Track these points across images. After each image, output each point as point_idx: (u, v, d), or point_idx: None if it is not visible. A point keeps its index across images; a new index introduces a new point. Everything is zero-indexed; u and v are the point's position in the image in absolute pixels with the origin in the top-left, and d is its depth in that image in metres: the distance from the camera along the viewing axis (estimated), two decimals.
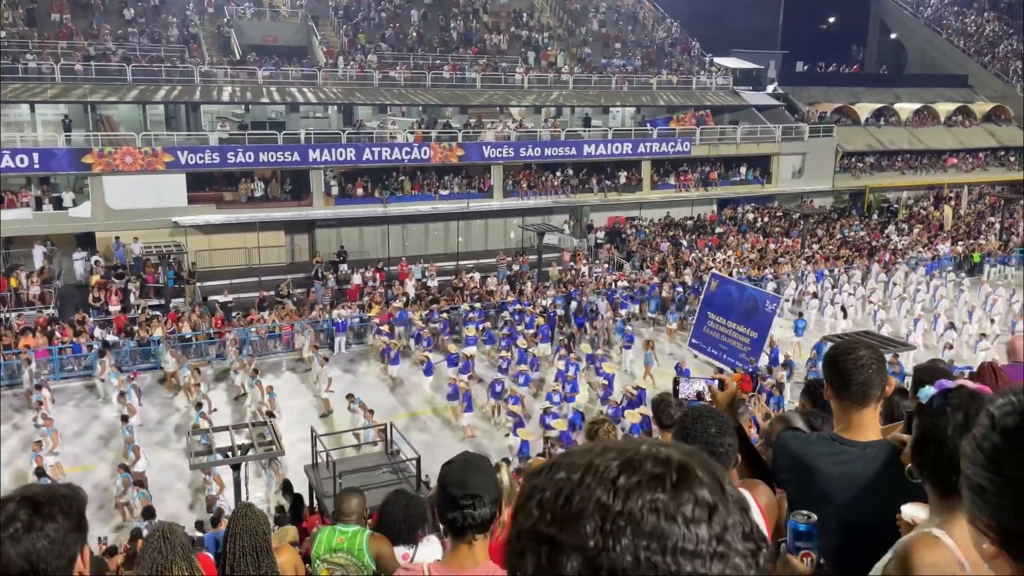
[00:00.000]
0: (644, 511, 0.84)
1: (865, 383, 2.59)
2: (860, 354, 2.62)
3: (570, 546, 0.84)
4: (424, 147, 31.85)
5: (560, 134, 35.26)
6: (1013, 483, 0.93)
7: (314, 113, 35.58)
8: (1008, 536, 0.94)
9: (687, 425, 2.73)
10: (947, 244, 34.92)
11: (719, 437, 2.71)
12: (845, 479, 2.49)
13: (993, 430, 0.98)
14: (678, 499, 0.85)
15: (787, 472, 2.70)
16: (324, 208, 30.60)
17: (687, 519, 0.84)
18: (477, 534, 2.48)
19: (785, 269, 30.07)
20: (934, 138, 44.07)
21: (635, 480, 0.86)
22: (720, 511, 0.86)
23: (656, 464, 0.88)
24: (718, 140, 37.45)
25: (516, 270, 29.87)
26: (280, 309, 25.16)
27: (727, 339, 22.89)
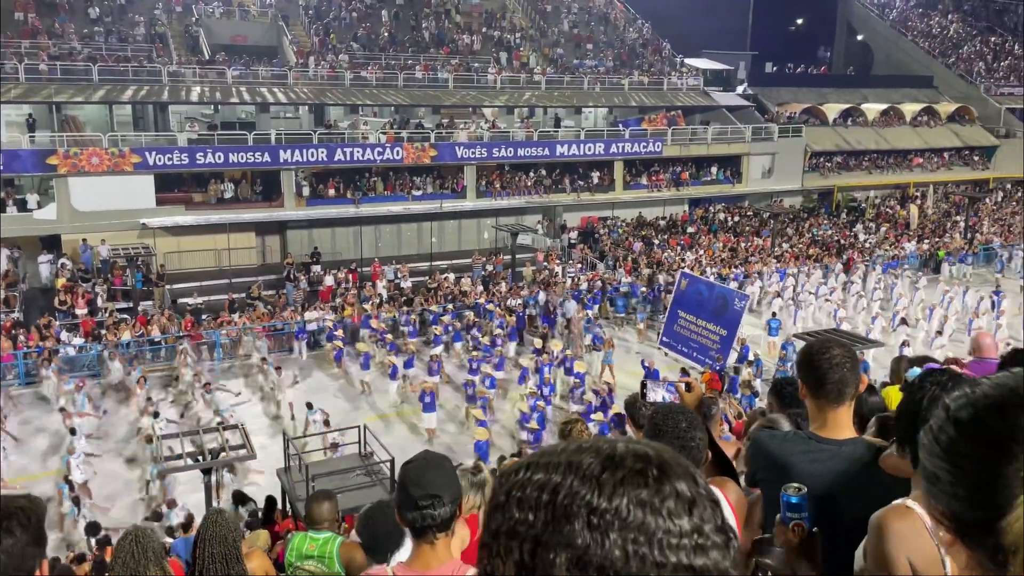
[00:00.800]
0: (630, 506, 0.86)
1: (840, 382, 2.61)
2: (834, 353, 2.64)
3: (558, 544, 0.86)
4: (396, 147, 31.73)
5: (533, 134, 35.31)
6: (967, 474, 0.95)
7: (285, 113, 35.30)
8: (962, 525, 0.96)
9: (658, 422, 2.76)
10: (913, 242, 35.50)
11: (689, 432, 2.73)
12: (822, 477, 2.51)
13: (948, 422, 1.00)
14: (661, 493, 0.88)
15: (763, 471, 2.71)
16: (295, 209, 30.37)
17: (670, 512, 0.87)
18: (438, 533, 2.47)
19: (756, 268, 30.37)
20: (900, 138, 44.78)
21: (619, 476, 0.89)
22: (698, 504, 0.89)
23: (636, 460, 0.90)
24: (689, 140, 37.72)
25: (490, 270, 29.87)
26: (251, 311, 24.91)
27: (697, 337, 23.08)
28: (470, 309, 25.49)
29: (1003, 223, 39.76)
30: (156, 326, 23.18)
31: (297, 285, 27.42)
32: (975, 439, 0.96)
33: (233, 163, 29.43)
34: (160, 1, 35.32)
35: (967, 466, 0.95)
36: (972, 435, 0.96)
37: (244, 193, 30.36)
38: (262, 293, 26.44)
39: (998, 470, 0.92)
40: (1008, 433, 0.93)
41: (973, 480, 0.94)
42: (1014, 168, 46.66)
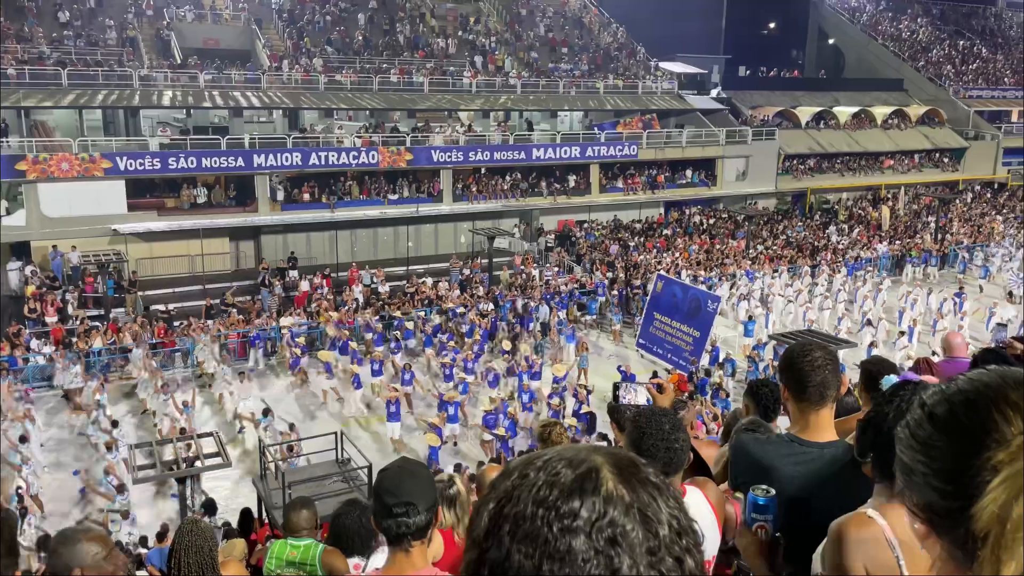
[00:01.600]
0: (534, 511, 0.91)
1: (822, 384, 2.63)
2: (816, 355, 2.66)
3: (489, 556, 0.92)
4: (372, 151, 31.63)
5: (509, 138, 35.36)
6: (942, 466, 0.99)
7: (258, 117, 35.07)
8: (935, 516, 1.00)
9: (641, 424, 2.76)
10: (885, 243, 35.99)
11: (673, 434, 2.73)
12: (805, 480, 2.51)
13: (925, 417, 1.03)
14: (568, 502, 0.91)
15: (746, 474, 2.70)
16: (270, 214, 30.17)
17: (566, 525, 0.89)
18: (413, 541, 2.48)
19: (731, 270, 30.62)
20: (871, 140, 45.40)
21: (542, 483, 0.94)
22: (613, 514, 0.90)
23: (567, 466, 0.94)
24: (664, 144, 37.98)
25: (468, 274, 29.85)
26: (226, 318, 24.69)
27: (672, 338, 23.25)
28: (442, 314, 25.41)
29: (973, 224, 40.44)
30: (128, 333, 22.88)
31: (272, 291, 27.22)
32: (950, 433, 1.00)
33: (206, 168, 29.17)
34: (131, 5, 34.94)
35: (942, 459, 0.99)
36: (947, 429, 1.00)
37: (217, 198, 30.10)
38: (234, 299, 26.16)
39: (970, 461, 0.96)
40: (981, 426, 0.97)
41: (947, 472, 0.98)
42: (983, 169, 47.56)
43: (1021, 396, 0.97)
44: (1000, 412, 0.97)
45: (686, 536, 0.93)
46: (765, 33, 61.80)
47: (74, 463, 17.80)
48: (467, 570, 0.92)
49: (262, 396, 20.85)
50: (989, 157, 47.75)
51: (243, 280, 28.59)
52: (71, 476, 16.97)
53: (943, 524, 0.99)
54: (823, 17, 59.14)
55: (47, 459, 17.51)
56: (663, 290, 24.17)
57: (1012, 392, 0.98)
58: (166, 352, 22.81)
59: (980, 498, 0.93)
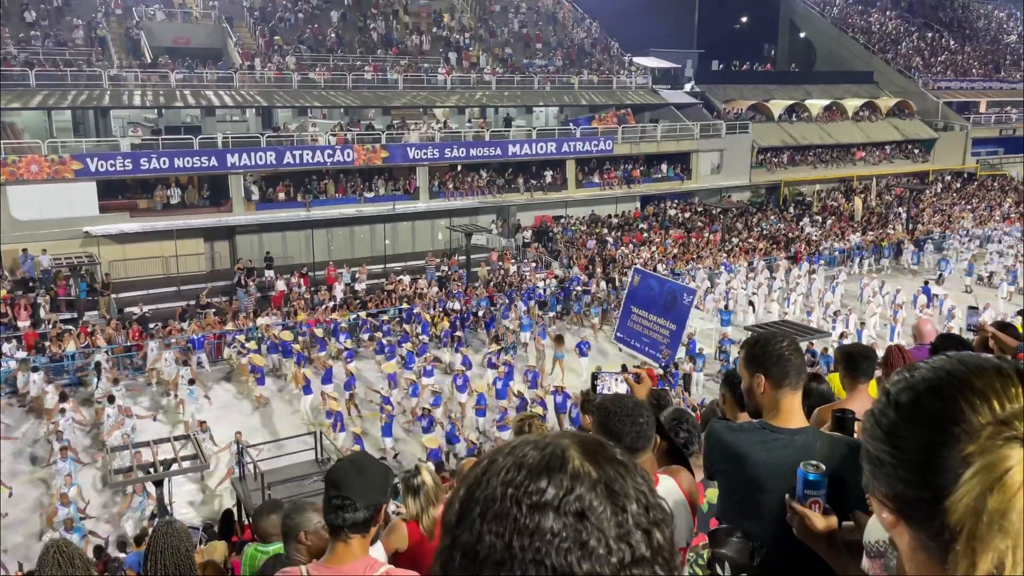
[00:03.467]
0: (503, 493, 0.93)
1: (784, 371, 2.67)
2: (778, 343, 2.72)
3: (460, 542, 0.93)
4: (347, 149, 31.47)
5: (484, 134, 35.32)
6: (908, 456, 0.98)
7: (231, 117, 34.75)
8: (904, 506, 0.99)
9: (606, 405, 2.82)
10: (858, 234, 36.39)
11: (637, 410, 2.80)
12: (776, 466, 2.53)
13: (889, 406, 1.02)
14: (536, 481, 0.92)
15: (720, 462, 2.73)
16: (245, 214, 29.95)
17: (534, 503, 0.91)
18: (352, 534, 2.56)
19: (707, 263, 30.84)
20: (843, 133, 45.90)
21: (509, 466, 0.95)
22: (585, 498, 0.91)
23: (534, 449, 0.96)
24: (639, 138, 38.14)
25: (445, 271, 29.81)
26: (201, 319, 24.47)
27: (649, 332, 23.37)
28: (397, 315, 25.15)
29: (944, 213, 41.02)
30: (101, 337, 22.60)
31: (248, 291, 27.02)
32: (915, 421, 0.99)
33: (179, 168, 28.89)
34: (99, 4, 34.45)
35: (908, 448, 0.98)
36: (912, 417, 0.99)
37: (191, 198, 29.82)
38: (209, 300, 25.93)
39: (939, 451, 0.95)
40: (947, 414, 0.96)
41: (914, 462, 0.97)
42: (952, 160, 48.26)
43: (986, 384, 0.97)
44: (966, 400, 0.96)
45: (653, 510, 0.94)
46: (737, 27, 62.19)
47: (30, 471, 17.48)
48: (440, 556, 0.93)
49: (214, 404, 20.34)
50: (958, 148, 48.47)
51: (218, 281, 28.33)
52: (26, 484, 16.68)
53: (914, 515, 0.98)
54: (794, 11, 59.65)
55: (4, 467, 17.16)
56: (640, 284, 24.28)
57: (976, 380, 0.98)
58: (141, 355, 22.53)
59: (953, 491, 0.93)
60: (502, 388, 19.66)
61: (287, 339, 22.58)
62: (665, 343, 22.73)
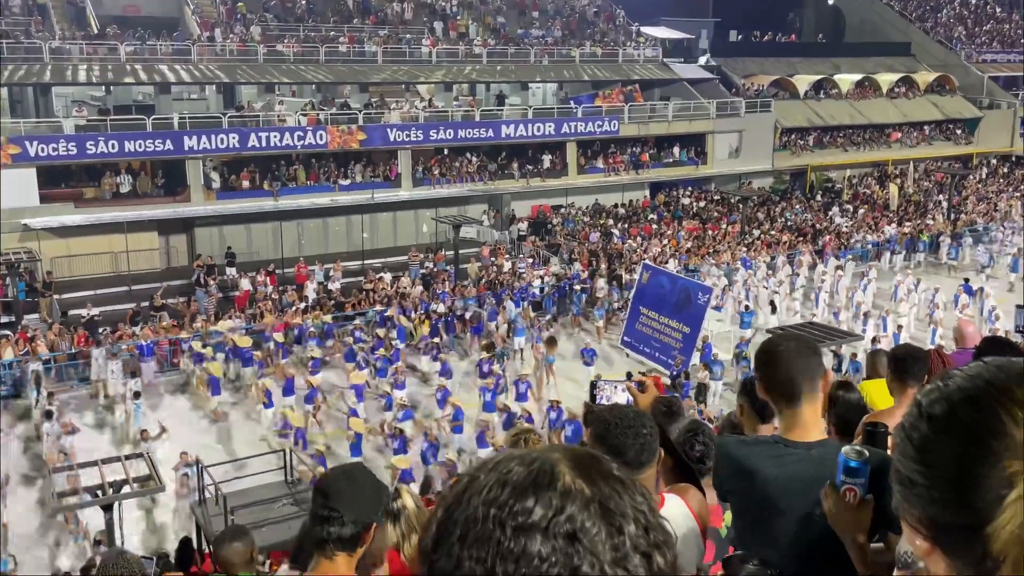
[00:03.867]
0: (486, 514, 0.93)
1: (787, 379, 2.68)
2: (782, 348, 2.73)
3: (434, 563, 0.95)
4: (319, 131, 31.44)
5: (474, 114, 35.32)
6: (943, 475, 0.97)
7: (189, 94, 34.72)
8: (939, 530, 0.98)
9: (605, 416, 2.82)
10: (894, 225, 36.47)
11: (639, 419, 2.79)
12: (789, 483, 2.56)
13: (921, 419, 1.01)
14: (522, 500, 0.93)
15: (730, 480, 2.76)
16: (204, 204, 29.93)
17: (519, 524, 0.91)
18: (338, 550, 2.62)
19: (724, 258, 30.90)
20: (876, 111, 45.99)
21: (492, 484, 0.96)
22: (572, 512, 0.92)
23: (520, 465, 0.97)
24: (648, 118, 38.18)
25: (431, 268, 29.81)
26: (155, 323, 24.43)
27: (659, 335, 23.38)
28: (374, 318, 25.02)
29: (989, 202, 41.14)
30: (42, 343, 22.53)
31: (208, 291, 26.98)
32: (950, 436, 0.98)
33: (130, 152, 28.82)
34: None
35: (942, 465, 0.97)
36: (947, 431, 0.98)
37: (144, 187, 29.74)
38: (165, 301, 25.87)
39: (977, 468, 0.94)
40: (985, 427, 0.95)
41: (950, 480, 0.96)
42: (999, 141, 48.35)
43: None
44: (1007, 411, 0.95)
45: (654, 532, 0.94)
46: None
47: None
48: None
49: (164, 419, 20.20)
50: (1005, 128, 48.56)
51: (175, 279, 28.28)
52: None
53: (950, 542, 0.97)
54: None
55: None
56: (649, 281, 24.30)
57: (1018, 388, 0.96)
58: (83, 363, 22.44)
59: (996, 515, 0.92)
60: (490, 400, 19.57)
61: (245, 345, 22.48)
62: (677, 348, 22.73)
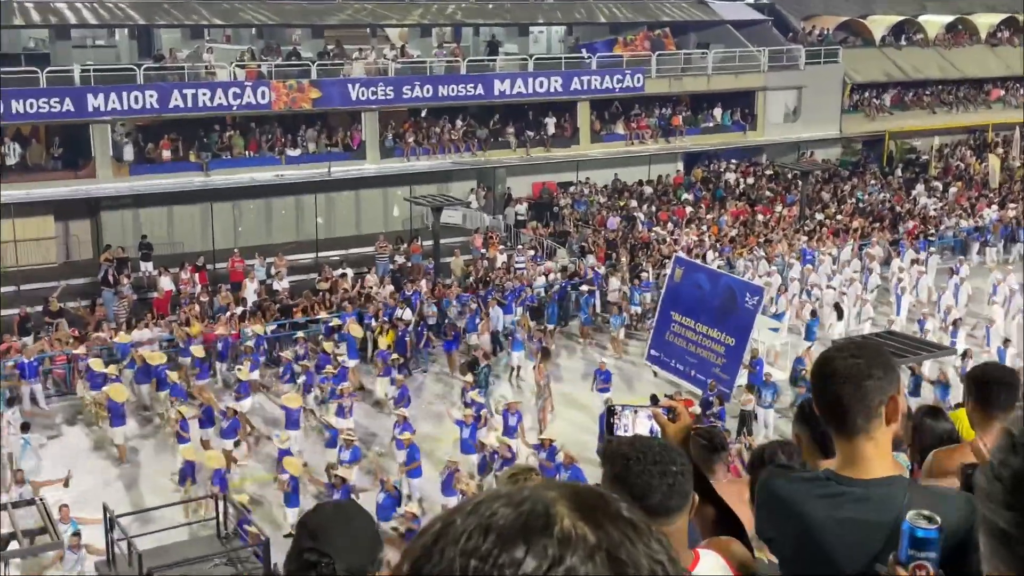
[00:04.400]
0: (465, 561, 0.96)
1: (836, 404, 2.70)
2: (835, 366, 2.74)
3: None
4: (261, 87, 31.42)
5: (460, 66, 35.30)
6: None
7: (94, 40, 34.65)
8: None
9: (624, 451, 2.79)
10: (994, 208, 36.47)
11: (667, 455, 2.76)
12: (844, 528, 2.61)
13: (1014, 452, 1.05)
14: (509, 549, 0.96)
15: (773, 523, 2.82)
16: (114, 180, 29.93)
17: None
18: None
19: (779, 250, 30.92)
20: (973, 63, 46.03)
21: (473, 530, 0.98)
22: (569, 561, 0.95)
23: (506, 506, 1.00)
24: (682, 71, 38.14)
25: (404, 263, 29.79)
26: (51, 332, 24.40)
27: (696, 348, 23.38)
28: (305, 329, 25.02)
29: None
30: None
31: (119, 291, 26.97)
32: None
33: (18, 115, 28.74)
34: None
35: None
36: None
37: (35, 158, 29.81)
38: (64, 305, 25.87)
39: None
40: None
41: None
42: None
43: None
44: None
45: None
46: None
47: None
48: None
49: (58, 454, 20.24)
50: None
51: (76, 277, 28.34)
52: None
53: None
54: None
55: None
56: (683, 279, 24.28)
57: None
58: None
59: None
60: (468, 438, 19.34)
61: (159, 363, 22.31)
62: (719, 364, 22.73)
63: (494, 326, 25.58)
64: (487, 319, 25.51)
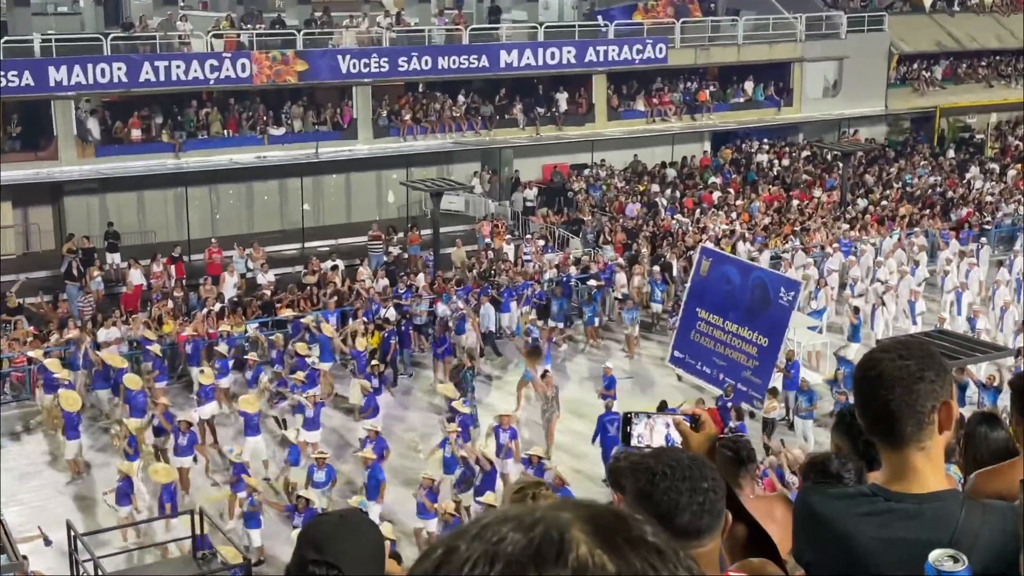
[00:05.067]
0: None
1: (883, 411, 2.67)
2: (882, 368, 2.71)
3: None
4: (242, 59, 31.41)
5: (462, 35, 35.27)
6: None
7: (56, 7, 34.68)
8: None
9: (649, 465, 2.74)
10: None
11: (698, 470, 2.71)
12: (894, 549, 2.58)
13: None
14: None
15: (814, 547, 2.79)
16: (78, 163, 29.99)
17: None
18: None
19: (817, 239, 30.89)
20: None
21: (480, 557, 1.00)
22: None
23: (515, 530, 1.00)
24: (709, 40, 38.08)
25: (399, 254, 29.79)
26: (9, 332, 24.47)
27: (725, 349, 23.37)
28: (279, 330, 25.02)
29: None
30: None
31: (84, 286, 27.04)
32: None
33: None
34: None
35: None
36: None
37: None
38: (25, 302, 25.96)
39: None
40: None
41: None
42: None
43: None
44: None
45: None
46: None
47: None
48: None
49: None
50: None
51: (37, 270, 28.51)
52: None
53: None
54: None
55: None
56: (710, 273, 24.26)
57: None
58: None
59: None
60: (452, 457, 19.15)
61: (120, 366, 22.19)
62: (750, 367, 22.71)
63: (485, 326, 25.50)
64: (475, 322, 25.12)
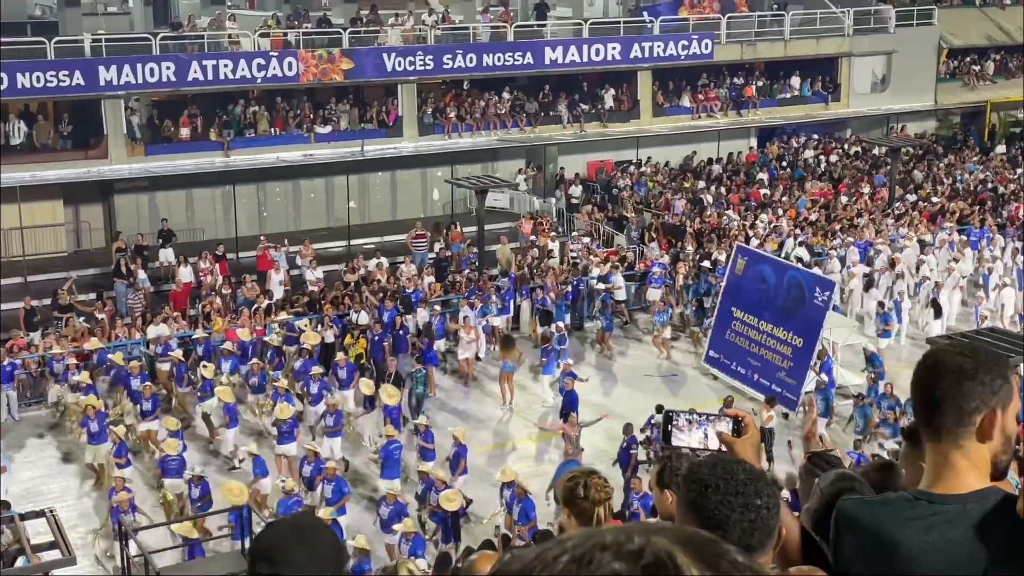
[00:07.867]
0: None
1: (928, 397, 2.66)
2: (941, 358, 2.71)
3: None
4: (288, 58, 31.53)
5: (507, 32, 35.26)
6: None
7: (106, 7, 34.93)
8: None
9: (703, 475, 2.67)
10: None
11: (753, 485, 2.62)
12: (940, 553, 2.54)
13: None
14: None
15: (860, 558, 2.74)
16: (128, 161, 30.12)
17: None
18: None
19: (866, 236, 30.62)
20: None
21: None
22: None
23: (619, 558, 0.97)
24: (756, 36, 37.87)
25: (443, 251, 29.83)
26: (61, 328, 24.72)
27: (760, 349, 23.22)
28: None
29: None
30: None
31: (134, 284, 27.23)
32: None
33: (24, 89, 28.95)
34: None
35: None
36: None
37: (43, 138, 30.07)
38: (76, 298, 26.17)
39: None
40: None
41: None
42: None
43: None
44: None
45: None
46: None
47: None
48: None
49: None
50: None
51: (87, 267, 28.67)
52: None
53: None
54: None
55: None
56: (746, 271, 24.14)
57: None
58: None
59: None
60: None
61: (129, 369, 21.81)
62: (785, 368, 22.56)
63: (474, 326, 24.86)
64: (466, 324, 24.52)
